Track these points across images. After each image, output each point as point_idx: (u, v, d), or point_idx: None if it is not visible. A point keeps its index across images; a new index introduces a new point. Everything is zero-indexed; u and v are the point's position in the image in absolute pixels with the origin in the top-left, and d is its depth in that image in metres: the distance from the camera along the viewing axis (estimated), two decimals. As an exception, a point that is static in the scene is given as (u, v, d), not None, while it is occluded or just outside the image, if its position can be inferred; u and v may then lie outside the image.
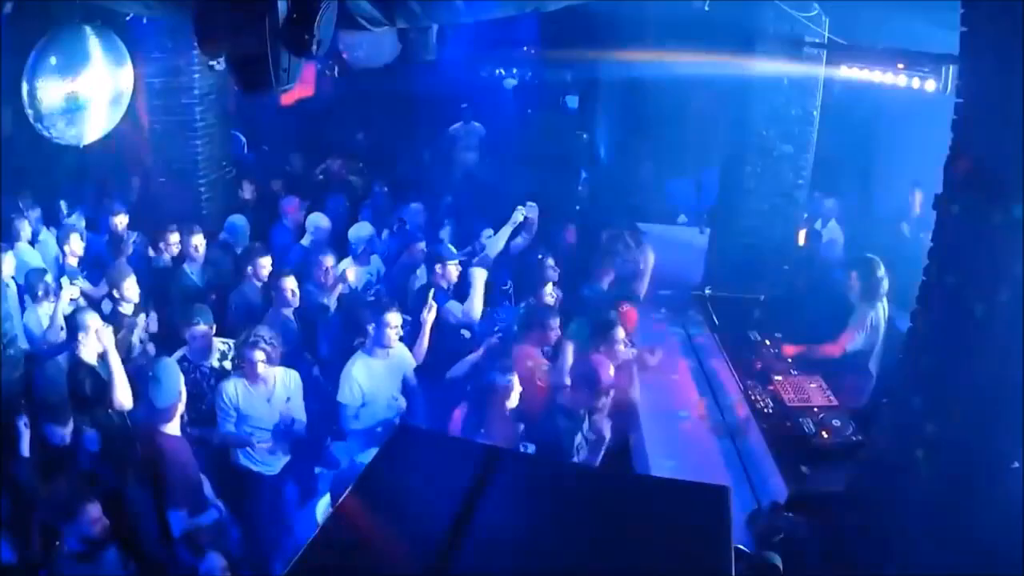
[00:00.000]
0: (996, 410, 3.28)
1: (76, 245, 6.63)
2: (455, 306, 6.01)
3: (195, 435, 4.75)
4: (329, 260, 6.18)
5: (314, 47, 3.23)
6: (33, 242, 6.83)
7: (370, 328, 5.15)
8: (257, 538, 4.66)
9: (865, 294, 5.55)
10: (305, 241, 7.05)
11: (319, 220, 7.12)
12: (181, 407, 4.43)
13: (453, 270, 6.17)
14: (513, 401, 4.43)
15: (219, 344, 5.34)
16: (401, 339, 5.28)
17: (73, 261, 6.58)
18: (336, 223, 7.29)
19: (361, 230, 6.92)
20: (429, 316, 5.50)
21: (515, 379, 4.44)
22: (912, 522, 3.50)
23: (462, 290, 6.37)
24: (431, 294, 5.68)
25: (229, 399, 4.86)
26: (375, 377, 5.08)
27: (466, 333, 5.90)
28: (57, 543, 3.72)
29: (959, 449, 3.37)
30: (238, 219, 7.32)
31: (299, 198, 7.84)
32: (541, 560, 1.94)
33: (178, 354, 5.18)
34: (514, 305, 6.20)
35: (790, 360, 5.54)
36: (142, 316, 5.77)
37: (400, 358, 5.26)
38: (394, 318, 5.10)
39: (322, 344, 6.01)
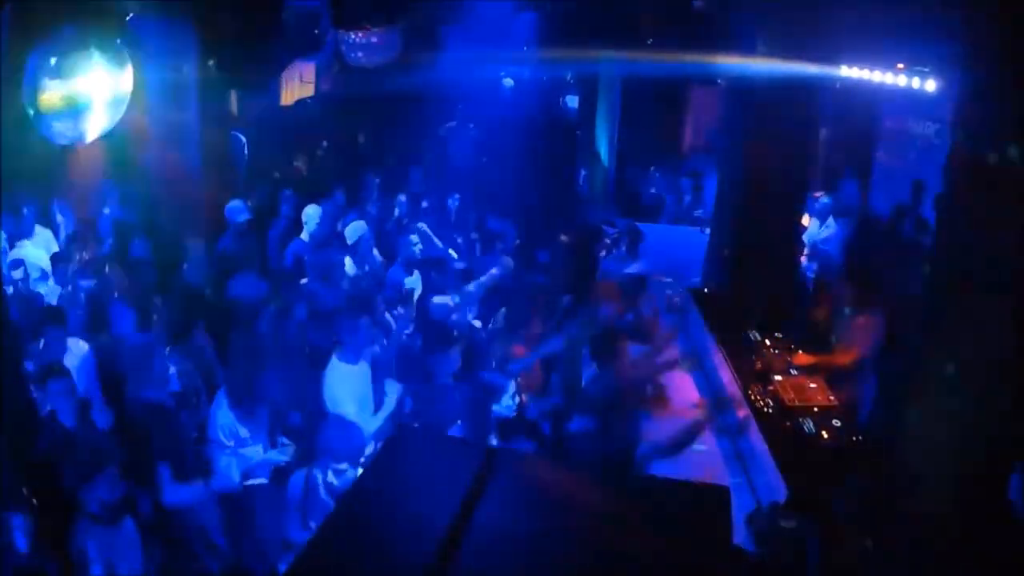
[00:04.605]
0: (998, 412, 3.28)
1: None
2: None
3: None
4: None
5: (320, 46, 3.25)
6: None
7: (344, 334, 4.96)
8: (252, 539, 4.62)
9: (861, 300, 5.52)
10: (304, 236, 7.02)
11: (315, 212, 7.09)
12: None
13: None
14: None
15: None
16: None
17: None
18: (331, 221, 7.28)
19: (358, 229, 6.91)
20: None
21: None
22: (912, 523, 3.49)
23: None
24: None
25: (223, 428, 4.54)
26: (348, 382, 4.91)
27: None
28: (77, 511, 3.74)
29: (960, 450, 3.37)
30: (235, 202, 7.27)
31: (296, 194, 7.82)
32: (541, 560, 1.94)
33: None
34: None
35: (799, 367, 5.47)
36: None
37: (374, 363, 5.12)
38: (364, 323, 4.98)
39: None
